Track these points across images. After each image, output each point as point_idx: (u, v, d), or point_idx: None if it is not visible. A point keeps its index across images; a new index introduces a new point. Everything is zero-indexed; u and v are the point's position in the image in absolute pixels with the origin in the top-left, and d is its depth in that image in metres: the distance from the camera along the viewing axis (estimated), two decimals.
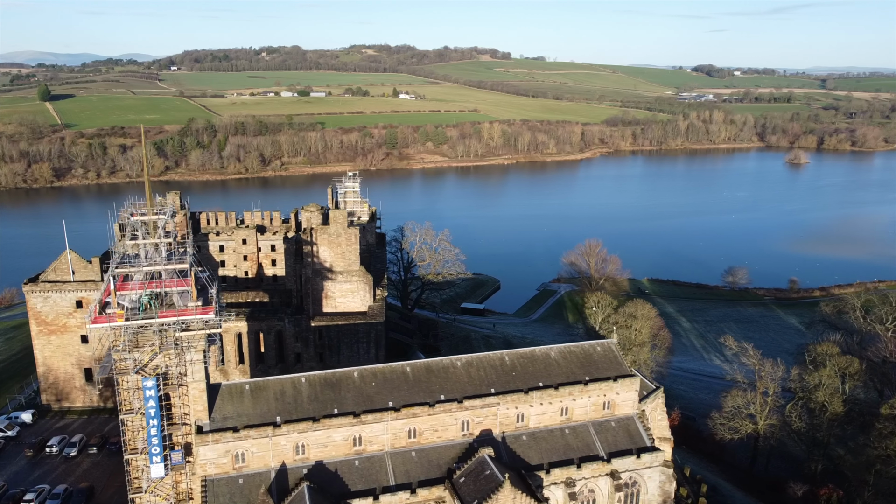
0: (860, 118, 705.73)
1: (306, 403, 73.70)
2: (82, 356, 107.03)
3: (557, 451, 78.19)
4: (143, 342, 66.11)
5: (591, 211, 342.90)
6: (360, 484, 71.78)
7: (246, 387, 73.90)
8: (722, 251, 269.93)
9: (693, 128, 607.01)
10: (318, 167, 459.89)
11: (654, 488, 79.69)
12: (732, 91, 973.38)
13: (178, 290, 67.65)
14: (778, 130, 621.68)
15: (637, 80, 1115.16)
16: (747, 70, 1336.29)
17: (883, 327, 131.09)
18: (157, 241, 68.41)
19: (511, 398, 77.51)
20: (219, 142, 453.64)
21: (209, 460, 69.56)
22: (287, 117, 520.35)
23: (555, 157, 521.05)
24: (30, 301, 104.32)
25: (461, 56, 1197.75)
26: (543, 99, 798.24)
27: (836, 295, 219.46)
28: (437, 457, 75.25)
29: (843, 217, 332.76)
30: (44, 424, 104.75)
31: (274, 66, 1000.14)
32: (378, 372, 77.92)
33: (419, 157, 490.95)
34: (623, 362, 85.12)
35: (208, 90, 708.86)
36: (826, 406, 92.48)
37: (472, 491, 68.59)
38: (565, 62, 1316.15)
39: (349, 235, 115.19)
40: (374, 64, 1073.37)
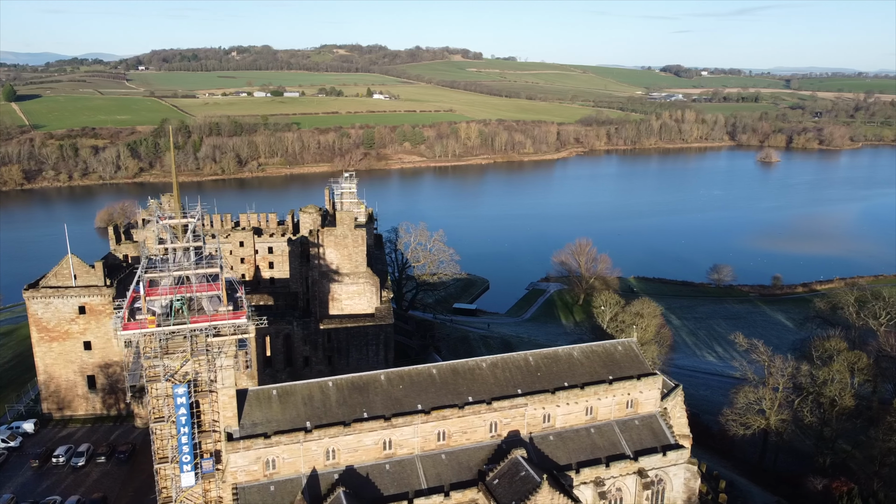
0: (826, 117, 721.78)
1: (335, 408, 72.77)
2: (85, 363, 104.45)
3: (584, 450, 78.36)
4: (174, 348, 64.62)
5: (572, 210, 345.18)
6: (393, 488, 71.10)
7: (273, 392, 72.70)
8: (704, 249, 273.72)
9: (666, 127, 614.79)
10: (295, 168, 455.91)
11: (678, 485, 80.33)
12: (701, 91, 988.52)
13: (208, 294, 66.29)
14: (748, 129, 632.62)
15: (607, 81, 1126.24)
16: (714, 70, 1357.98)
17: (877, 322, 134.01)
18: (187, 245, 66.86)
19: (538, 398, 77.47)
20: (194, 143, 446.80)
21: (240, 467, 68.29)
22: (262, 118, 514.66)
23: (532, 156, 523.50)
24: (30, 307, 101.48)
25: (433, 56, 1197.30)
26: (517, 99, 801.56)
27: (819, 291, 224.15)
28: (467, 459, 74.89)
29: (817, 214, 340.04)
30: (46, 434, 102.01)
31: (244, 66, 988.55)
32: (405, 374, 77.25)
33: (397, 158, 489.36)
34: (644, 361, 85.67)
35: (179, 90, 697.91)
36: (836, 401, 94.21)
37: (508, 492, 68.36)
38: (536, 62, 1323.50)
39: (356, 237, 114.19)
40: (346, 64, 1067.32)
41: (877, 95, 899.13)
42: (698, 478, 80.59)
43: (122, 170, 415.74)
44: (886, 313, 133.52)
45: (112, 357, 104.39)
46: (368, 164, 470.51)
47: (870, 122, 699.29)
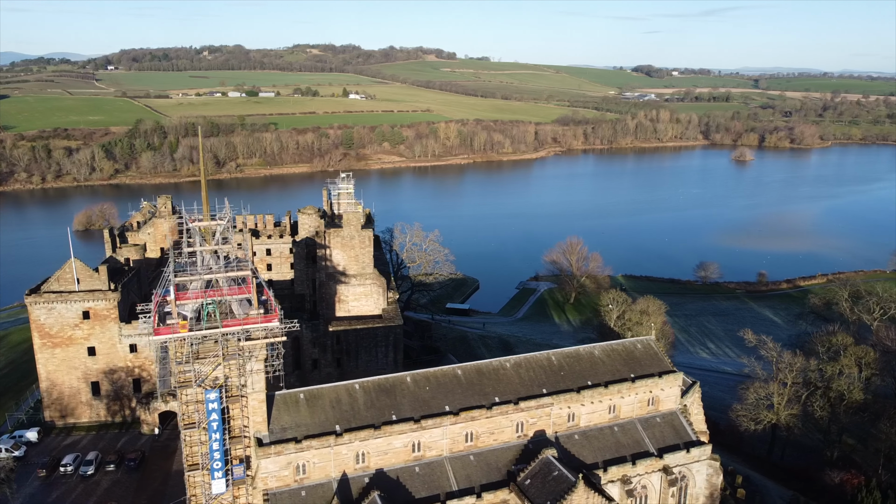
0: (796, 116, 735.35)
1: (363, 411, 72.03)
2: (89, 369, 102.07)
3: (609, 448, 78.63)
4: (205, 353, 63.38)
5: (555, 209, 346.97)
6: (424, 491, 70.60)
7: (301, 395, 71.72)
8: (687, 247, 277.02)
9: (641, 127, 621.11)
10: (274, 169, 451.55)
11: (701, 481, 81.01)
12: (674, 91, 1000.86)
13: (238, 297, 65.16)
14: (721, 129, 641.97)
15: (581, 81, 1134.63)
16: (684, 70, 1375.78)
17: (871, 317, 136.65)
18: (216, 248, 65.64)
19: (564, 398, 77.52)
20: (170, 143, 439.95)
21: (270, 473, 67.23)
22: (239, 118, 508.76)
23: (511, 156, 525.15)
24: (32, 313, 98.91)
25: (407, 56, 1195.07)
26: (492, 99, 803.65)
27: (803, 287, 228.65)
28: (495, 459, 74.67)
29: (795, 212, 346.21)
30: (50, 442, 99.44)
31: (217, 66, 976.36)
32: (430, 376, 76.76)
33: (377, 158, 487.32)
34: (664, 358, 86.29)
35: (150, 90, 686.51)
36: (844, 395, 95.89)
37: (542, 492, 68.27)
38: (509, 62, 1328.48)
39: (363, 238, 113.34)
40: (319, 64, 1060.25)
41: (843, 95, 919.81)
42: (720, 474, 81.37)
43: (97, 171, 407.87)
44: (880, 308, 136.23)
45: (117, 363, 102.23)
46: (348, 164, 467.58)
47: (838, 121, 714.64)
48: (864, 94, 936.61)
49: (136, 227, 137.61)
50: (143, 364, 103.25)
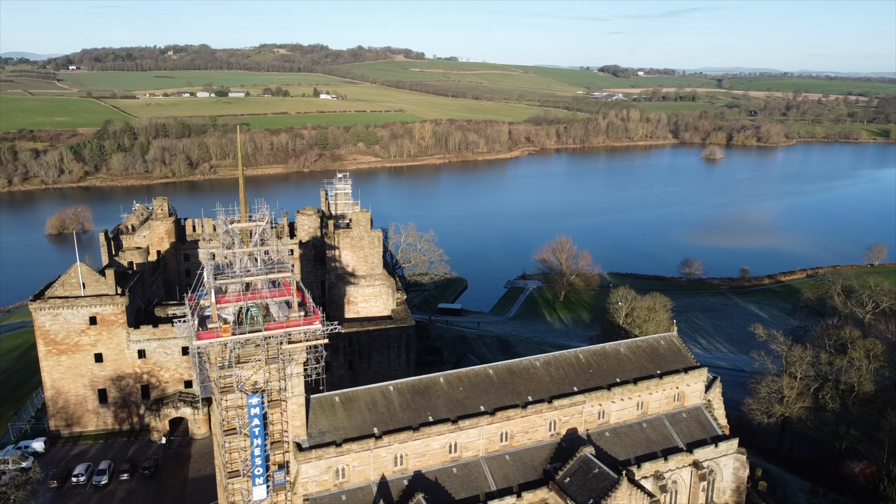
0: (761, 115, 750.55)
1: (400, 412, 71.26)
2: (96, 376, 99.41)
3: (640, 445, 79.05)
4: (245, 357, 62.01)
5: (534, 208, 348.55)
6: (463, 492, 70.14)
7: (336, 398, 70.66)
8: (667, 244, 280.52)
9: (613, 126, 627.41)
10: (249, 170, 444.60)
11: (728, 475, 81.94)
12: (641, 91, 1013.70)
13: (278, 300, 63.94)
14: (690, 128, 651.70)
15: (549, 81, 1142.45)
16: (650, 70, 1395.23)
17: (863, 311, 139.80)
18: (254, 250, 64.29)
19: (595, 395, 77.71)
20: (141, 145, 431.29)
21: (311, 478, 66.11)
22: (210, 118, 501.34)
23: (485, 156, 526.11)
24: (37, 319, 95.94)
25: (376, 56, 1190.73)
26: (464, 99, 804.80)
27: (784, 282, 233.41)
28: (531, 458, 74.53)
29: (768, 209, 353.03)
30: (57, 452, 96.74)
31: (182, 66, 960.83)
32: (463, 376, 76.29)
33: (352, 158, 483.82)
34: (687, 354, 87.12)
35: (116, 91, 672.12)
36: (854, 387, 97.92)
37: (583, 490, 68.29)
38: (478, 62, 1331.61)
39: (372, 239, 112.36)
40: (287, 63, 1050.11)
41: (804, 94, 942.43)
42: (747, 467, 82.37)
43: (66, 174, 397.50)
44: (872, 302, 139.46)
45: (125, 369, 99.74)
46: (324, 165, 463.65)
47: (801, 119, 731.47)
48: (824, 94, 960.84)
49: (132, 230, 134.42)
50: (151, 370, 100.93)
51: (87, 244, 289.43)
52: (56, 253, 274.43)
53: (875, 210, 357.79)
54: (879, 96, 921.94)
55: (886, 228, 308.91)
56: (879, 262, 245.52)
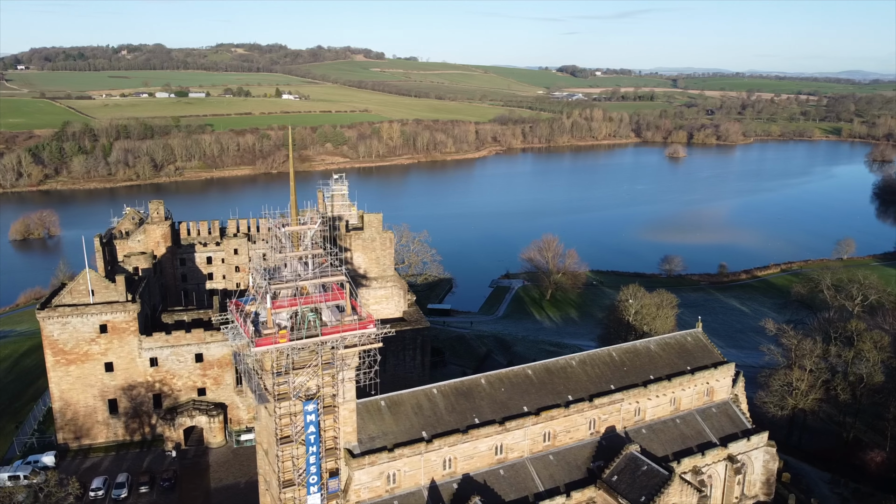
0: (719, 114, 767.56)
1: (446, 415, 70.60)
2: (106, 386, 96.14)
3: (675, 441, 79.86)
4: (300, 363, 60.56)
5: (507, 207, 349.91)
6: (512, 493, 69.83)
7: (382, 403, 69.65)
8: (642, 241, 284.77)
9: (577, 125, 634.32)
10: (215, 172, 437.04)
11: (758, 467, 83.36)
12: (601, 90, 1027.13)
13: (329, 304, 62.64)
14: (651, 127, 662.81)
15: (510, 81, 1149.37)
16: (607, 70, 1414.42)
17: (852, 303, 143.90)
18: (305, 253, 62.85)
19: (632, 393, 78.23)
20: (103, 146, 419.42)
21: (363, 484, 64.99)
22: (173, 119, 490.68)
23: (454, 155, 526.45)
24: (45, 329, 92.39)
25: (336, 56, 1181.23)
26: (427, 99, 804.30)
27: (761, 277, 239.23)
28: (573, 458, 74.63)
29: (738, 206, 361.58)
30: (68, 466, 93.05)
31: (137, 66, 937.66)
32: (503, 377, 75.96)
33: (320, 159, 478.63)
34: (714, 349, 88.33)
35: (70, 91, 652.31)
36: (864, 378, 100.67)
37: (633, 488, 68.61)
38: (438, 62, 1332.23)
39: (384, 240, 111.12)
40: (246, 63, 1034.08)
41: (757, 94, 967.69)
42: (776, 460, 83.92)
43: (25, 177, 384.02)
44: (861, 295, 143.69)
45: (136, 378, 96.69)
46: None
47: (757, 118, 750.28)
48: (775, 94, 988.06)
49: (125, 235, 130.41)
50: (164, 378, 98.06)
51: (54, 249, 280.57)
52: (24, 259, 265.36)
53: (837, 205, 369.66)
54: (828, 95, 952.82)
55: (849, 223, 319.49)
56: (848, 255, 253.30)
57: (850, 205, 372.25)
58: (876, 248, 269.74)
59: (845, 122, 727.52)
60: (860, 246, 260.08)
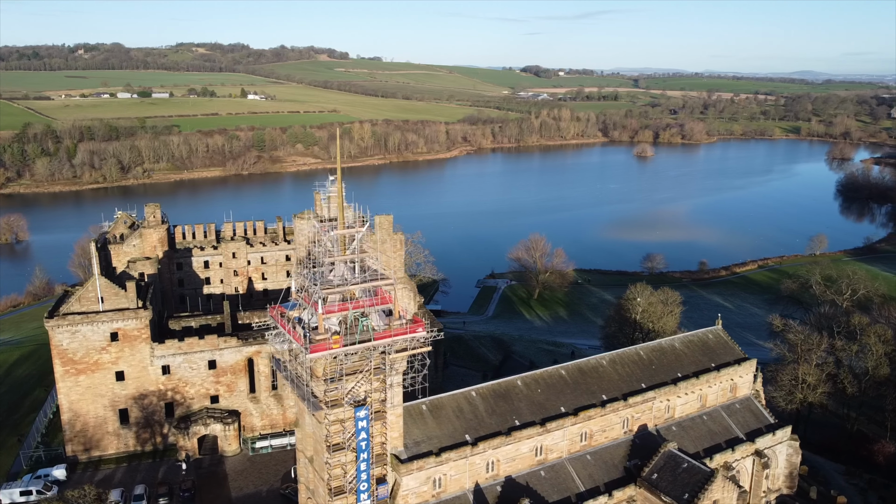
0: (682, 114, 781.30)
1: (486, 418, 70.20)
2: (117, 396, 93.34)
3: (704, 437, 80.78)
4: (352, 369, 59.55)
5: (485, 207, 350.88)
6: (554, 494, 69.79)
7: (423, 406, 68.90)
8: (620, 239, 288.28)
9: (546, 125, 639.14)
10: (184, 173, 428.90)
11: (782, 461, 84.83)
12: (566, 90, 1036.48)
13: (380, 308, 61.72)
14: (618, 126, 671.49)
15: (475, 81, 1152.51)
16: (570, 71, 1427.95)
17: (842, 298, 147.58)
18: (353, 257, 61.80)
19: (664, 391, 78.87)
20: (67, 148, 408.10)
21: (411, 490, 64.21)
22: (139, 120, 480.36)
23: (425, 156, 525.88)
24: (54, 338, 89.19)
25: (299, 55, 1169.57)
26: (394, 99, 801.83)
27: (739, 273, 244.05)
28: (610, 457, 74.92)
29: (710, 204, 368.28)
30: (80, 479, 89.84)
31: (95, 66, 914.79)
32: (538, 378, 75.85)
33: (291, 160, 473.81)
34: (735, 346, 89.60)
35: (27, 91, 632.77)
36: (869, 371, 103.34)
37: (675, 486, 69.12)
38: (402, 62, 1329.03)
39: (395, 242, 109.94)
40: (208, 63, 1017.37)
41: (717, 94, 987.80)
42: (799, 453, 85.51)
43: None
44: (850, 289, 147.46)
45: (148, 386, 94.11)
46: (263, 167, 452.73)
47: (720, 117, 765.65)
48: (735, 93, 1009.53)
49: (120, 239, 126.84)
50: (176, 386, 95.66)
51: (24, 255, 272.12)
52: None
53: (803, 202, 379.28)
54: (785, 95, 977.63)
55: (817, 219, 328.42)
56: (821, 251, 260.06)
57: (815, 202, 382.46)
58: (846, 244, 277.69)
59: (803, 121, 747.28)
60: (833, 241, 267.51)
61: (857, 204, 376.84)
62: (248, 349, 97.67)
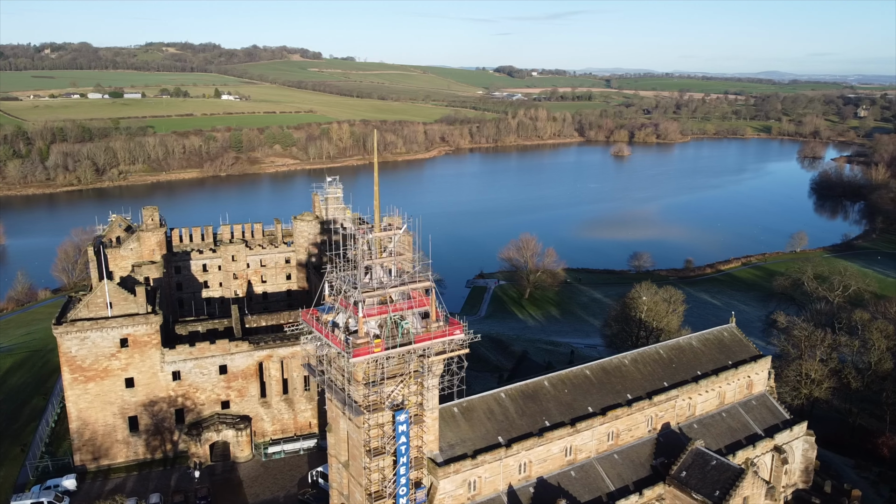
0: (656, 113, 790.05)
1: (517, 419, 70.07)
2: (127, 403, 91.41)
3: (725, 434, 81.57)
4: (392, 372, 58.98)
5: (467, 207, 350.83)
6: (586, 494, 69.90)
7: (455, 409, 68.52)
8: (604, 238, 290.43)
9: (523, 125, 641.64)
10: (161, 175, 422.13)
11: (798, 456, 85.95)
12: (540, 90, 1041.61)
13: (415, 311, 61.24)
14: (594, 126, 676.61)
15: (449, 81, 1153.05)
16: (542, 71, 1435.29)
17: (832, 294, 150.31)
18: (391, 259, 61.23)
19: (686, 389, 79.47)
20: (40, 150, 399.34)
21: (447, 493, 63.81)
22: (112, 121, 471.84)
23: (404, 156, 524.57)
24: (62, 345, 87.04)
25: (272, 55, 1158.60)
26: (369, 99, 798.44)
27: (724, 270, 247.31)
28: (636, 455, 75.29)
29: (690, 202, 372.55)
30: (91, 489, 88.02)
31: (63, 65, 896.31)
32: (564, 378, 75.92)
33: (269, 161, 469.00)
34: (749, 344, 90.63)
35: None
36: (871, 365, 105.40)
37: (705, 483, 69.62)
38: (376, 62, 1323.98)
39: (405, 242, 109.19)
40: (179, 63, 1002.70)
41: (689, 94, 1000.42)
42: (815, 448, 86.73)
43: None
44: (841, 285, 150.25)
45: (158, 393, 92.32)
46: (241, 168, 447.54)
47: (692, 117, 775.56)
48: (705, 93, 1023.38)
49: (117, 243, 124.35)
50: (186, 392, 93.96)
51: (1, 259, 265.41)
52: None
53: (780, 200, 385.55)
54: (755, 95, 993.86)
55: (795, 217, 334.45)
56: (801, 248, 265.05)
57: (791, 200, 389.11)
58: (824, 241, 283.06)
59: (774, 120, 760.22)
60: (813, 239, 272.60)
61: (830, 202, 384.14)
62: (259, 353, 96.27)
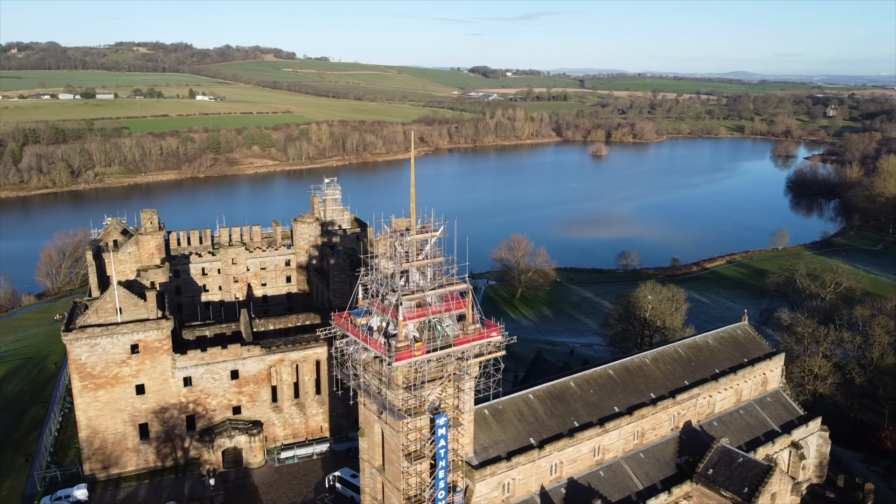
0: (631, 113, 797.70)
1: (547, 420, 70.04)
2: (137, 410, 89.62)
3: (743, 431, 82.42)
4: (431, 375, 58.54)
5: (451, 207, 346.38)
6: (616, 493, 70.12)
7: (485, 411, 68.23)
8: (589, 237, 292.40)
9: (501, 125, 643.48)
10: (138, 177, 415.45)
11: (813, 451, 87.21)
12: (516, 90, 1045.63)
13: (452, 314, 60.88)
14: (571, 126, 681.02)
15: (424, 81, 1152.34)
16: (517, 71, 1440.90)
17: (825, 291, 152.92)
18: (427, 261, 60.77)
19: (706, 387, 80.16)
20: (12, 152, 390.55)
21: (483, 496, 63.55)
22: (86, 122, 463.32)
23: (384, 157, 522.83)
24: (72, 352, 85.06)
25: (245, 55, 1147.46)
26: (346, 99, 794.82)
27: (710, 268, 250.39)
28: (661, 454, 75.74)
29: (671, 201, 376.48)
30: (102, 499, 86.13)
31: (30, 65, 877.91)
32: (589, 378, 76.08)
33: (248, 162, 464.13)
34: (762, 341, 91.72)
35: None
36: (874, 361, 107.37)
37: (732, 481, 70.23)
38: (350, 63, 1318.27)
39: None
40: (150, 63, 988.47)
41: (662, 94, 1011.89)
42: (829, 443, 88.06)
43: None
44: (833, 282, 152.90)
45: (169, 399, 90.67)
46: (220, 169, 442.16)
47: (667, 117, 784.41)
48: (678, 93, 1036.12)
49: (115, 247, 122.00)
50: (198, 398, 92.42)
51: None
52: None
53: (757, 199, 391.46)
54: (726, 95, 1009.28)
55: (773, 215, 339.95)
56: (783, 246, 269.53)
57: (768, 198, 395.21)
58: (803, 239, 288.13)
59: (746, 120, 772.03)
60: (794, 236, 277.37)
61: (806, 200, 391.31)
62: (271, 357, 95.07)
